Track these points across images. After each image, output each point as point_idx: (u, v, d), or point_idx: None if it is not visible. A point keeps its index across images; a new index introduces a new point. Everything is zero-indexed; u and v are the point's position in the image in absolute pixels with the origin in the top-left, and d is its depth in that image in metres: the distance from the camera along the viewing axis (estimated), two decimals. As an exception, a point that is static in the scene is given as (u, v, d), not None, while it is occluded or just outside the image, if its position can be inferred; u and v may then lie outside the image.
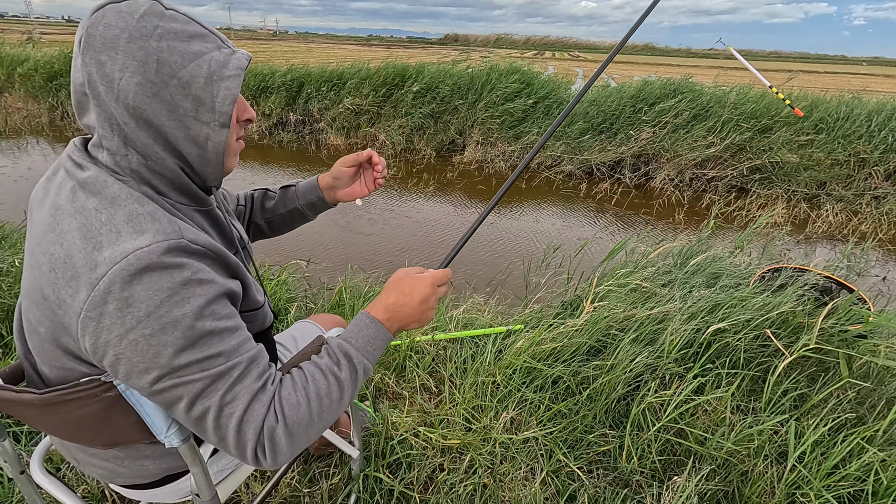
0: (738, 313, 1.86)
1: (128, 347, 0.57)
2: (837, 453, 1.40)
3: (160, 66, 0.61)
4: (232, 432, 0.61)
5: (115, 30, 0.59)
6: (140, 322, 0.56)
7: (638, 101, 6.24)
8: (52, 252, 0.60)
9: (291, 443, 0.64)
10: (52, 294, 0.59)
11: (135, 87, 0.61)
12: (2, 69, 8.87)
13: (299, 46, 39.26)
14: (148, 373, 0.58)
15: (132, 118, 0.62)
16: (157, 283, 0.57)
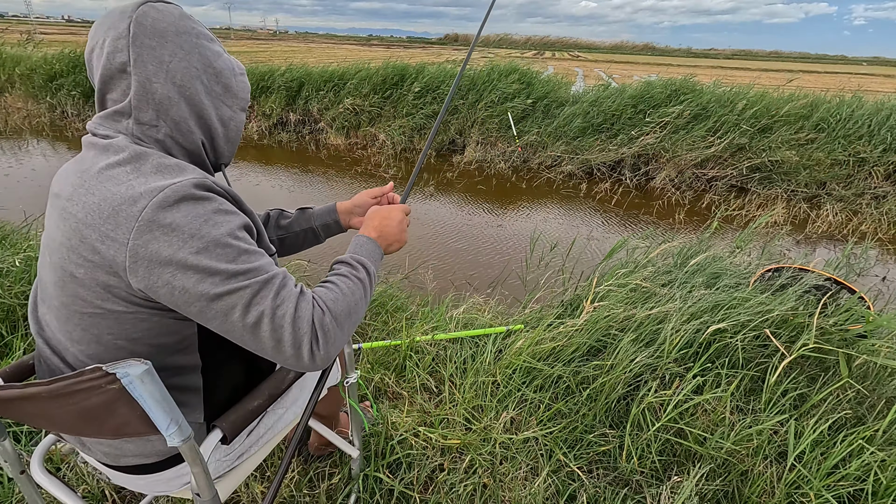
0: (738, 313, 1.86)
1: (179, 267, 0.63)
2: (837, 453, 1.40)
3: (201, 57, 0.75)
4: (288, 330, 0.67)
5: (163, 23, 0.71)
6: (186, 243, 0.63)
7: (639, 101, 6.24)
8: (86, 201, 0.66)
9: (338, 331, 0.72)
10: (92, 234, 0.65)
11: (182, 69, 0.73)
12: (2, 69, 8.87)
13: (299, 46, 39.27)
14: (200, 286, 0.64)
15: (177, 94, 0.73)
16: (193, 211, 0.65)
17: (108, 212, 0.64)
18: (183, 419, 0.67)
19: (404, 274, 3.37)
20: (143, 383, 0.61)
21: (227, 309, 0.66)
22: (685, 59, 77.01)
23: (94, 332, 0.70)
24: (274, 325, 0.67)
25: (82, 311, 0.70)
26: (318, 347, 0.69)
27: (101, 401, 0.63)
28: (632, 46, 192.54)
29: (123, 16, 0.70)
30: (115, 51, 0.70)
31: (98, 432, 0.72)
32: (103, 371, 0.59)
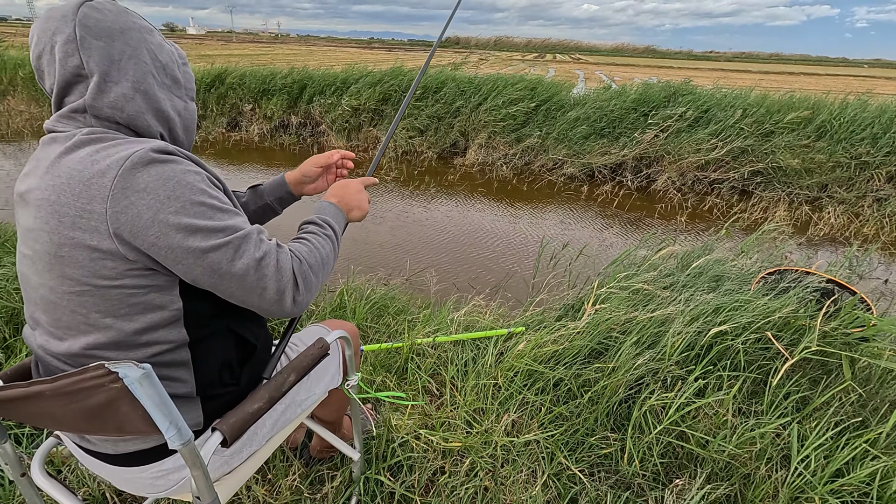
0: (740, 316, 1.86)
1: (162, 227, 0.67)
2: (841, 457, 1.40)
3: (148, 52, 0.77)
4: (272, 279, 0.75)
5: (106, 22, 0.72)
6: (164, 204, 0.67)
7: (640, 104, 6.25)
8: (55, 185, 0.68)
9: (315, 277, 0.83)
10: (70, 211, 0.67)
11: (134, 66, 0.75)
12: (5, 72, 8.91)
13: (301, 49, 39.40)
14: (186, 242, 0.68)
15: (132, 90, 0.75)
16: (162, 172, 0.68)
17: (80, 188, 0.67)
18: (182, 422, 0.67)
19: (406, 276, 3.37)
20: (141, 386, 0.61)
21: (213, 264, 0.71)
22: (686, 62, 77.11)
23: (83, 312, 0.71)
24: (259, 274, 0.74)
25: (69, 292, 0.70)
26: (298, 294, 0.78)
27: (103, 399, 0.63)
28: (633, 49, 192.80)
29: (66, 19, 0.71)
30: (67, 55, 0.71)
31: (101, 430, 0.73)
32: (106, 369, 0.60)
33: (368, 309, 2.37)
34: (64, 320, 0.73)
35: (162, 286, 0.73)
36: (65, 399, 0.65)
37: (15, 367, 0.90)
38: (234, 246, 0.72)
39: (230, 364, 0.88)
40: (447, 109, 6.79)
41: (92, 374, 0.61)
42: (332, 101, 7.26)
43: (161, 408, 0.64)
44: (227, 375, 0.87)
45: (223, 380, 0.86)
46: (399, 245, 4.05)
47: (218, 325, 0.83)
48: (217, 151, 6.88)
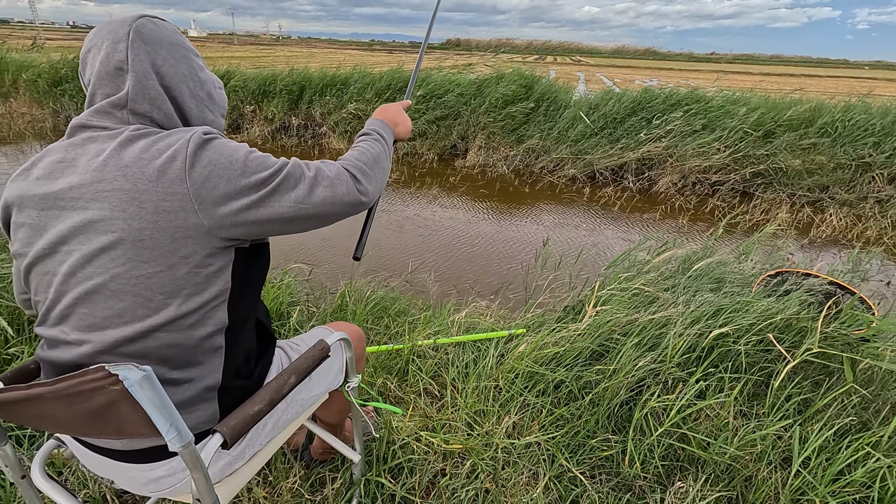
0: (741, 318, 1.86)
1: (238, 192, 0.76)
2: (842, 459, 1.39)
3: (188, 66, 0.86)
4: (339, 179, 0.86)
5: (158, 34, 0.82)
6: (228, 170, 0.76)
7: (641, 109, 6.25)
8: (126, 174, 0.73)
9: (371, 171, 0.94)
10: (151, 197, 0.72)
11: (171, 73, 0.83)
12: (7, 74, 8.94)
13: (301, 51, 39.48)
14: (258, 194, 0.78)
15: (165, 93, 0.82)
16: (217, 148, 0.77)
17: (156, 174, 0.73)
18: (183, 424, 0.67)
19: (406, 278, 3.37)
20: (142, 388, 0.61)
21: (288, 188, 0.80)
22: (686, 64, 77.14)
23: (146, 295, 0.74)
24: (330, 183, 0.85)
25: (140, 275, 0.73)
26: (360, 184, 0.89)
27: (104, 401, 0.63)
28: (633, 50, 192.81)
29: (124, 24, 0.79)
30: (114, 52, 0.78)
31: (102, 432, 0.73)
32: (106, 371, 0.60)
33: (369, 310, 2.37)
34: (117, 308, 0.74)
35: (222, 266, 0.80)
36: (65, 401, 0.65)
37: (15, 369, 0.90)
38: (293, 175, 0.82)
39: (249, 356, 0.91)
40: (447, 112, 6.80)
41: (92, 377, 0.61)
42: (334, 102, 7.27)
43: (161, 410, 0.64)
44: (244, 368, 0.90)
45: (241, 372, 0.89)
46: (400, 246, 4.05)
47: (249, 313, 0.89)
48: (218, 153, 6.89)
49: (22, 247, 0.79)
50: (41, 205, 0.76)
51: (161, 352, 0.76)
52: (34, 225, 0.77)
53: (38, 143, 7.14)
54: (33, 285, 0.80)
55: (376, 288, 2.71)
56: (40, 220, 0.76)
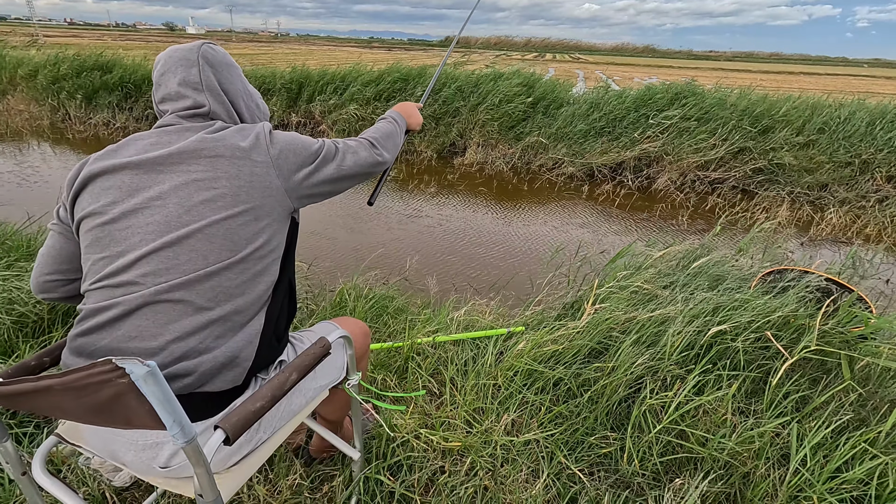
0: (739, 315, 1.86)
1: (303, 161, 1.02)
2: (840, 456, 1.40)
3: (242, 83, 1.10)
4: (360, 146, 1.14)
5: (218, 58, 1.05)
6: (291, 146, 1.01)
7: (641, 105, 6.25)
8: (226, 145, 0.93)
9: (385, 140, 1.22)
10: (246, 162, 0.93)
11: (233, 91, 1.06)
12: (4, 72, 8.90)
13: (300, 49, 39.39)
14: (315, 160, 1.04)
15: (230, 105, 1.06)
16: (282, 134, 1.02)
17: (247, 148, 0.95)
18: (186, 420, 0.67)
19: (405, 276, 3.37)
20: (146, 384, 0.62)
21: (328, 158, 1.06)
22: (686, 61, 77.13)
23: (233, 239, 0.90)
24: (349, 153, 1.10)
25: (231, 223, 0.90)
26: (376, 149, 1.16)
27: (111, 393, 0.65)
28: (632, 48, 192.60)
29: (192, 52, 1.02)
30: (189, 75, 1.00)
31: (110, 422, 0.75)
32: (113, 364, 0.61)
33: (368, 308, 2.37)
34: (204, 249, 0.88)
35: (282, 228, 1.00)
36: (74, 393, 0.66)
37: (16, 366, 0.90)
38: (330, 150, 1.07)
39: (280, 317, 1.02)
40: (446, 109, 6.79)
41: (100, 370, 0.62)
42: (334, 100, 7.26)
43: (165, 405, 0.65)
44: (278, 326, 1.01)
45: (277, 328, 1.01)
46: (399, 244, 4.05)
47: (288, 276, 1.04)
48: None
49: (104, 206, 0.89)
50: (137, 170, 0.90)
51: (231, 291, 0.89)
52: (126, 186, 0.89)
53: (36, 140, 7.12)
54: (104, 241, 0.88)
55: (375, 285, 2.71)
56: (134, 182, 0.89)
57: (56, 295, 1.02)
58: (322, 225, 4.36)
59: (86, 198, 0.91)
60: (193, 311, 0.86)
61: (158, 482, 0.92)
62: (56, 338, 1.90)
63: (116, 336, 0.84)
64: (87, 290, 0.89)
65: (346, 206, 4.85)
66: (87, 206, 0.90)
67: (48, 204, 4.43)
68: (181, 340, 0.85)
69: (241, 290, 0.91)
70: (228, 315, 0.89)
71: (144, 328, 0.85)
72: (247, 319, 0.92)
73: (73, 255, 0.98)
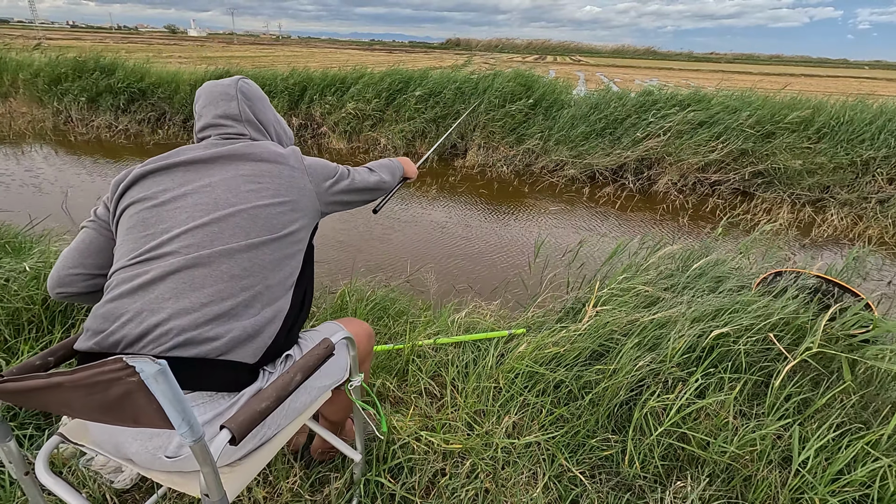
0: (741, 317, 1.86)
1: (326, 173, 1.19)
2: (842, 458, 1.40)
3: (273, 113, 1.27)
4: (365, 173, 1.34)
5: (254, 92, 1.21)
6: (318, 163, 1.19)
7: (642, 110, 6.25)
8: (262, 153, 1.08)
9: (383, 172, 1.42)
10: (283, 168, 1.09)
11: (267, 119, 1.23)
12: (6, 74, 8.93)
13: (301, 51, 39.47)
14: (334, 176, 1.21)
15: (266, 129, 1.22)
16: (310, 157, 1.18)
17: (286, 154, 1.12)
18: (195, 419, 0.68)
19: (407, 278, 3.38)
20: (156, 382, 0.63)
21: (344, 180, 1.23)
22: (686, 63, 77.16)
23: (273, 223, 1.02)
24: (357, 174, 1.29)
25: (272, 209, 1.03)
26: (376, 173, 1.37)
27: (121, 391, 0.66)
28: (633, 50, 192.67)
29: (230, 87, 1.17)
30: (229, 108, 1.15)
31: (118, 420, 0.76)
32: (124, 363, 0.62)
33: (370, 310, 2.37)
34: (246, 227, 0.98)
35: (311, 227, 1.14)
36: (84, 391, 0.67)
37: (20, 365, 0.90)
38: (344, 171, 1.24)
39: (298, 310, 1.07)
40: (446, 112, 6.80)
41: (110, 367, 0.63)
42: (334, 101, 7.27)
43: (174, 404, 0.65)
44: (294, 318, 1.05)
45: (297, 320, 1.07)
46: (400, 246, 4.06)
47: (308, 273, 1.13)
48: (218, 153, 6.89)
49: (155, 192, 0.99)
50: (189, 166, 1.02)
51: (264, 265, 0.98)
52: (178, 178, 1.01)
53: (39, 143, 7.14)
54: (151, 221, 0.96)
55: (376, 288, 2.72)
56: (185, 176, 1.01)
57: (74, 290, 1.04)
58: (323, 226, 4.37)
59: (135, 190, 1.01)
60: (229, 279, 0.92)
61: (162, 478, 0.92)
62: (55, 339, 1.91)
63: (150, 298, 0.88)
64: (121, 266, 0.94)
65: (347, 208, 4.86)
66: (137, 194, 1.00)
67: (50, 207, 4.44)
68: (216, 304, 0.90)
69: (273, 267, 0.99)
70: (260, 289, 0.96)
71: (180, 290, 0.89)
72: (275, 298, 0.99)
73: (101, 249, 1.04)
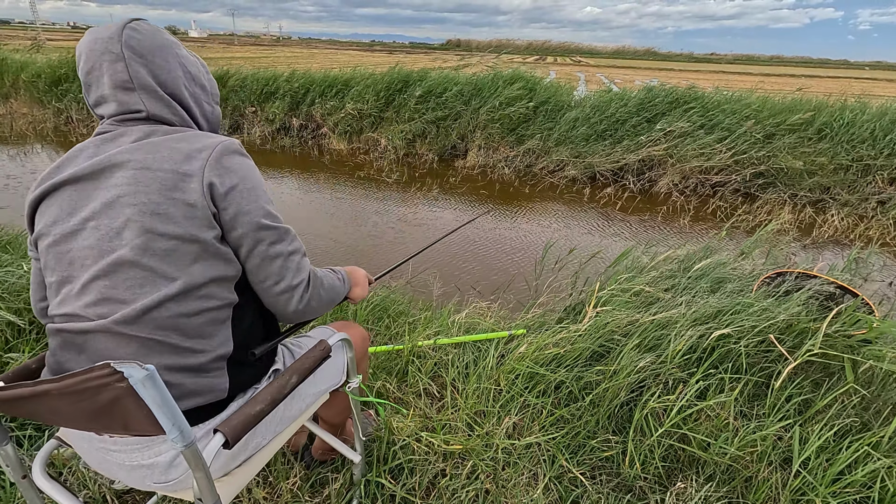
0: (742, 318, 1.86)
1: (238, 195, 0.84)
2: (842, 459, 1.39)
3: (180, 66, 0.92)
4: (293, 270, 0.92)
5: (146, 43, 0.87)
6: (244, 179, 0.86)
7: (643, 109, 6.25)
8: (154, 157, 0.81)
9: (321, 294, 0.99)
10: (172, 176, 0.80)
11: (171, 80, 0.89)
12: (7, 75, 8.94)
13: (302, 52, 39.52)
14: (251, 214, 0.85)
15: (171, 99, 0.90)
16: (243, 161, 0.88)
17: (181, 158, 0.81)
18: (185, 423, 0.67)
19: (407, 279, 3.37)
20: (144, 388, 0.62)
21: (257, 241, 0.87)
22: (687, 64, 77.20)
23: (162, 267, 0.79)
24: (286, 264, 0.90)
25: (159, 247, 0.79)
26: (306, 294, 0.94)
27: (110, 397, 0.64)
28: (633, 51, 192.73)
29: (112, 41, 0.84)
30: (115, 73, 0.85)
31: (108, 427, 0.74)
32: (112, 368, 0.61)
33: (370, 311, 2.37)
34: (138, 278, 0.79)
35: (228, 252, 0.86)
36: (72, 398, 0.66)
37: (17, 368, 0.90)
38: (279, 233, 0.89)
39: (256, 335, 0.95)
40: (447, 112, 6.80)
41: (98, 374, 0.62)
42: (335, 103, 7.27)
43: (164, 409, 0.64)
44: (253, 343, 0.94)
45: (250, 345, 0.93)
46: (400, 247, 4.06)
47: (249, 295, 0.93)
48: (219, 154, 6.89)
49: (48, 226, 0.82)
50: (76, 185, 0.82)
51: (175, 321, 0.80)
52: (66, 205, 0.82)
53: (40, 143, 7.15)
54: (52, 264, 0.83)
55: (376, 289, 2.71)
56: (73, 199, 0.82)
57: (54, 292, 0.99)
58: (324, 227, 4.37)
59: (38, 219, 0.85)
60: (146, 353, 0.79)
61: (157, 488, 0.92)
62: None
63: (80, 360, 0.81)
64: (51, 314, 0.85)
65: (348, 209, 4.86)
66: (38, 227, 0.85)
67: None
68: None
69: (188, 321, 0.82)
70: (185, 347, 0.81)
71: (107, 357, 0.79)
72: (204, 347, 0.83)
73: None
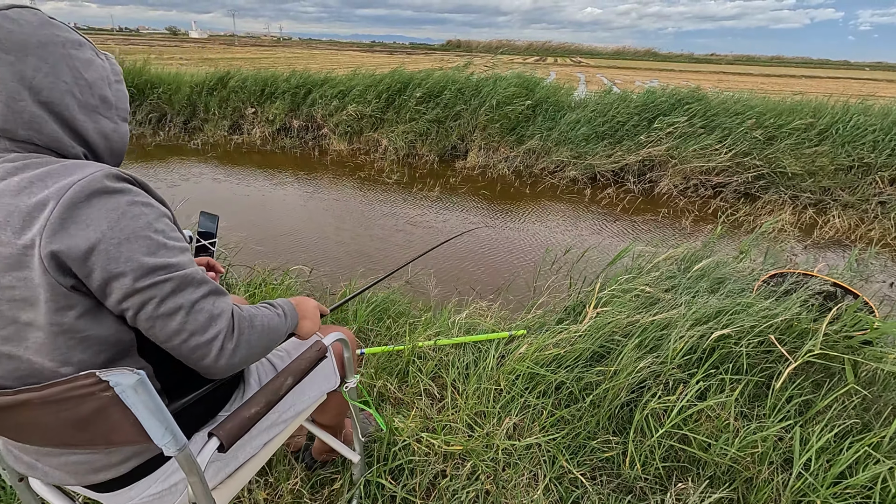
0: (742, 319, 1.85)
1: (102, 256, 0.61)
2: (843, 460, 1.39)
3: (70, 69, 0.69)
4: (203, 320, 0.69)
5: (21, 35, 0.65)
6: (105, 234, 0.61)
7: (643, 110, 6.25)
8: None
9: (252, 335, 0.76)
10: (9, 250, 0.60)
11: (49, 85, 0.67)
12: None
13: (302, 53, 39.56)
14: (124, 276, 0.63)
15: (45, 111, 0.67)
16: (107, 204, 0.62)
17: (20, 223, 0.60)
18: (177, 428, 0.66)
19: (407, 279, 3.37)
20: (136, 393, 0.61)
21: (143, 301, 0.65)
22: (687, 65, 77.21)
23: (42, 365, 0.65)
24: (189, 318, 0.68)
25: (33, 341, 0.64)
26: (228, 345, 0.71)
27: (93, 407, 0.62)
28: (634, 52, 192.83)
29: None
30: None
31: (89, 442, 0.69)
32: (96, 377, 0.59)
33: (370, 312, 2.36)
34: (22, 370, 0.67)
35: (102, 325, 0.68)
36: (53, 407, 0.63)
37: None
38: (175, 282, 0.67)
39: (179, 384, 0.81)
40: (447, 113, 6.80)
41: (82, 383, 0.60)
42: (336, 104, 7.27)
43: (156, 414, 0.63)
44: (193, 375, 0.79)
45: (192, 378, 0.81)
46: (400, 247, 4.05)
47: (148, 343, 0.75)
48: (219, 154, 6.89)
49: None
50: None
51: None
52: None
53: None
54: None
55: (377, 290, 2.71)
56: None
57: None
58: (324, 227, 4.36)
59: None
60: None
61: None
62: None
63: None
64: None
65: (347, 209, 4.85)
66: None
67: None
68: None
69: None
70: None
71: None
72: None
73: None
